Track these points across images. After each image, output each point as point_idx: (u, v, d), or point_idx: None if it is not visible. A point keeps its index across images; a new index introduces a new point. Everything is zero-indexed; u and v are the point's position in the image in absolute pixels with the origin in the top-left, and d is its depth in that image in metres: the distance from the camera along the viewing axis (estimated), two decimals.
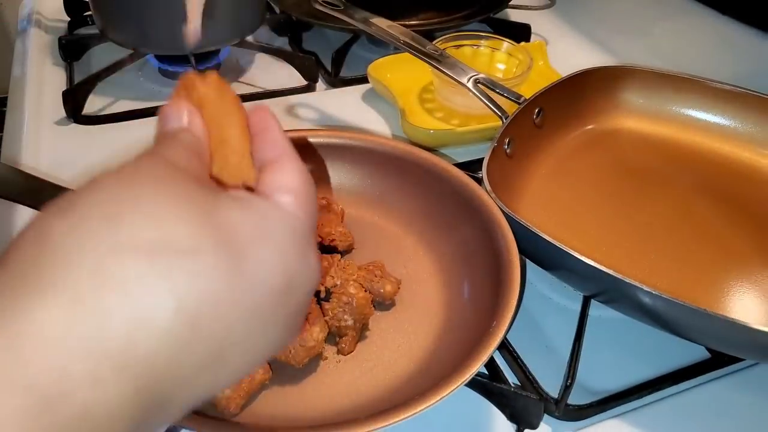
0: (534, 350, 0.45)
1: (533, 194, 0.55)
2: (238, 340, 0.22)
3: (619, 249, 0.50)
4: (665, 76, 0.63)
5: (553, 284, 0.50)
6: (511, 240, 0.43)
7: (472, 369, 0.35)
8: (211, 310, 0.20)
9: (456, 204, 0.48)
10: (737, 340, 0.39)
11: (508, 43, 0.69)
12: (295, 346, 0.39)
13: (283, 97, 0.71)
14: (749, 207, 0.55)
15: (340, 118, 0.68)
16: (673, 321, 0.39)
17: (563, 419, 0.41)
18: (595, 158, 0.60)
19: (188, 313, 0.20)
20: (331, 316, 0.41)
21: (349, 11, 0.61)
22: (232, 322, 0.21)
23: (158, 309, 0.19)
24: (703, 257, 0.49)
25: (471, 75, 0.56)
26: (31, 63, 0.76)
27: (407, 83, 0.70)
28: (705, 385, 0.44)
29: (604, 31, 0.87)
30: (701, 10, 0.87)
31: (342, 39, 0.76)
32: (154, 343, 0.19)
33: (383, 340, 0.42)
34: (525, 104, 0.55)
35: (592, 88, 0.62)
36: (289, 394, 0.39)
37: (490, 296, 0.41)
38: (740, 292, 0.47)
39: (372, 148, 0.52)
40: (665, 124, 0.63)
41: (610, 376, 0.44)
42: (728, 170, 0.59)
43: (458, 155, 0.61)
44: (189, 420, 0.33)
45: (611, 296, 0.42)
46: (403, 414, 0.33)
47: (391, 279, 0.44)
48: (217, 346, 0.21)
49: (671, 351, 0.45)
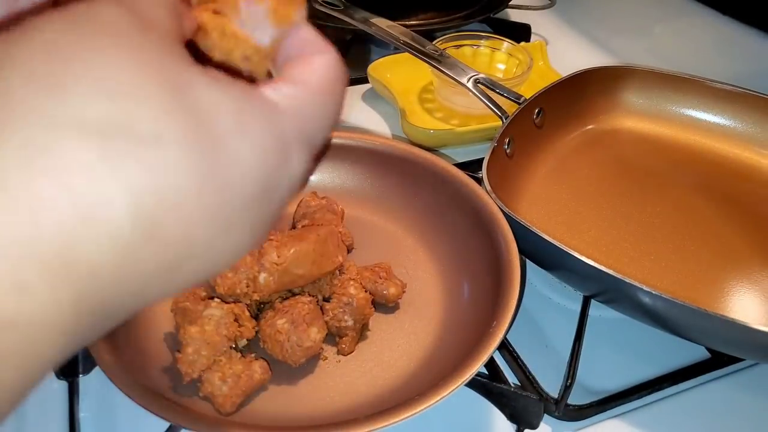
0: (534, 350, 0.45)
1: (533, 194, 0.55)
2: (198, 252, 0.18)
3: (619, 249, 0.50)
4: (665, 76, 0.63)
5: (553, 284, 0.50)
6: (511, 240, 0.43)
7: (472, 369, 0.35)
8: (171, 214, 0.17)
9: (456, 204, 0.48)
10: (737, 340, 0.39)
11: (508, 43, 0.69)
12: (292, 345, 0.39)
13: None
14: (749, 207, 0.55)
15: (340, 118, 0.68)
16: (673, 321, 0.39)
17: (563, 419, 0.41)
18: (595, 158, 0.60)
19: (143, 216, 0.16)
20: (332, 316, 0.41)
21: (349, 11, 0.61)
22: (195, 229, 0.18)
23: (105, 207, 0.16)
24: (703, 257, 0.49)
25: (471, 75, 0.56)
26: None
27: (407, 83, 0.70)
28: (705, 385, 0.44)
29: (604, 31, 0.87)
30: (701, 10, 0.87)
31: (342, 39, 0.76)
32: (97, 249, 0.16)
33: (383, 340, 0.42)
34: (525, 104, 0.55)
35: (592, 88, 0.62)
36: (289, 394, 0.39)
37: (490, 296, 0.41)
38: (740, 292, 0.47)
39: (372, 148, 0.52)
40: (665, 124, 0.63)
41: (610, 376, 0.44)
42: (728, 170, 0.59)
43: (458, 155, 0.61)
44: (189, 420, 0.33)
45: (611, 296, 0.42)
46: (403, 414, 0.33)
47: (396, 282, 0.44)
48: (173, 257, 0.18)
49: (671, 351, 0.45)
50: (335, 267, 0.43)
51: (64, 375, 0.41)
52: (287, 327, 0.39)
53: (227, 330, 0.38)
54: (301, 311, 0.39)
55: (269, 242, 0.40)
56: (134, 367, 0.35)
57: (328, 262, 0.42)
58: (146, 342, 0.40)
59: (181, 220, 0.17)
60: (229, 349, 0.38)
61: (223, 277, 0.39)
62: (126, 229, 0.16)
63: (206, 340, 0.37)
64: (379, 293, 0.44)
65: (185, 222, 0.17)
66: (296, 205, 0.49)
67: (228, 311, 0.38)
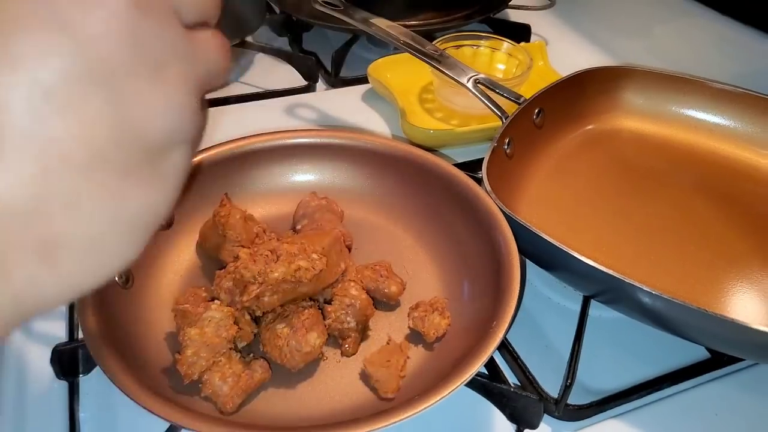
0: (534, 350, 0.45)
1: (533, 194, 0.55)
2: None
3: (619, 249, 0.50)
4: (665, 76, 0.63)
5: (553, 284, 0.50)
6: (511, 240, 0.43)
7: (472, 369, 0.35)
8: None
9: (456, 204, 0.48)
10: (737, 340, 0.39)
11: (508, 44, 0.69)
12: (291, 350, 0.38)
13: (283, 97, 0.71)
14: (749, 207, 0.55)
15: (340, 118, 0.68)
16: (673, 321, 0.39)
17: (563, 419, 0.41)
18: (595, 158, 0.60)
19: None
20: (334, 318, 0.41)
21: (349, 11, 0.61)
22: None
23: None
24: (703, 257, 0.49)
25: (471, 75, 0.56)
26: None
27: (407, 83, 0.70)
28: (705, 385, 0.44)
29: (604, 31, 0.87)
30: (701, 10, 0.87)
31: (342, 39, 0.76)
32: None
33: (383, 340, 0.42)
34: (525, 104, 0.55)
35: (592, 88, 0.62)
36: (290, 394, 0.39)
37: (490, 296, 0.41)
38: (740, 292, 0.47)
39: (372, 148, 0.52)
40: (665, 124, 0.63)
41: (610, 376, 0.44)
42: (728, 170, 0.59)
43: (458, 155, 0.61)
44: (189, 420, 0.33)
45: (611, 296, 0.42)
46: (403, 414, 0.33)
47: (397, 280, 0.44)
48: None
49: (671, 351, 0.45)
50: (338, 276, 0.43)
51: (64, 375, 0.41)
52: (286, 332, 0.39)
53: (227, 332, 0.38)
54: (301, 316, 0.39)
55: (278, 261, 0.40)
56: (134, 367, 0.35)
57: (331, 273, 0.42)
58: (146, 342, 0.40)
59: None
60: (228, 350, 0.38)
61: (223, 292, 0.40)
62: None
63: (206, 342, 0.37)
64: (380, 292, 0.44)
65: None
66: (296, 205, 0.49)
67: (228, 314, 0.38)
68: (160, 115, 0.19)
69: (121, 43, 0.18)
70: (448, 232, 0.48)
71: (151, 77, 0.19)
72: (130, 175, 0.19)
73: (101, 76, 0.18)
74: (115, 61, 0.18)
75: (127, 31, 0.18)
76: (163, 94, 0.19)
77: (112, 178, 0.18)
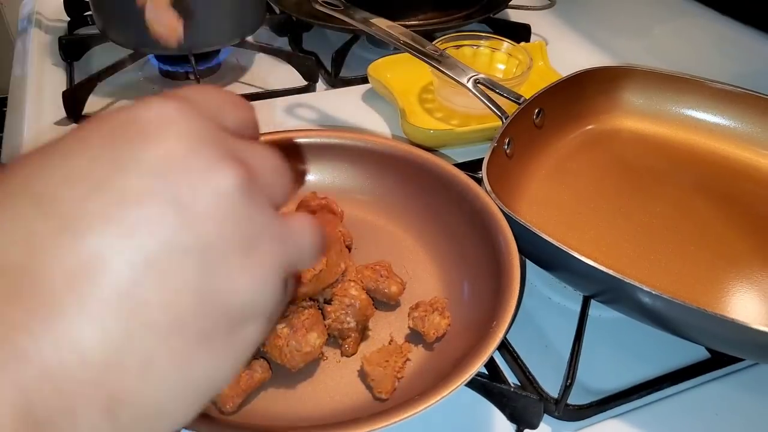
0: (534, 350, 0.45)
1: (533, 194, 0.55)
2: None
3: (619, 249, 0.50)
4: (665, 76, 0.63)
5: (553, 284, 0.50)
6: (511, 240, 0.43)
7: (472, 369, 0.35)
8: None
9: (456, 204, 0.48)
10: (737, 340, 0.39)
11: (508, 44, 0.69)
12: (291, 350, 0.38)
13: (283, 97, 0.71)
14: (749, 207, 0.55)
15: (340, 118, 0.68)
16: (673, 321, 0.39)
17: (563, 419, 0.41)
18: (595, 158, 0.60)
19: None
20: (334, 318, 0.41)
21: (349, 11, 0.61)
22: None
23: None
24: (703, 257, 0.49)
25: (471, 75, 0.56)
26: (31, 63, 0.76)
27: (407, 83, 0.70)
28: (705, 385, 0.44)
29: (604, 31, 0.87)
30: (701, 10, 0.87)
31: (342, 39, 0.76)
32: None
33: (383, 340, 0.42)
34: (525, 104, 0.55)
35: (592, 88, 0.62)
36: (289, 394, 0.39)
37: (490, 296, 0.41)
38: (740, 292, 0.47)
39: (372, 148, 0.52)
40: (665, 124, 0.63)
41: (610, 376, 0.44)
42: (728, 170, 0.59)
43: (458, 155, 0.61)
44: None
45: (611, 296, 0.42)
46: (403, 414, 0.33)
47: (397, 280, 0.44)
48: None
49: (671, 351, 0.45)
50: (338, 276, 0.43)
51: None
52: (286, 332, 0.39)
53: None
54: (301, 316, 0.39)
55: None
56: None
57: (331, 273, 0.42)
58: None
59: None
60: None
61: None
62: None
63: None
64: (380, 291, 0.44)
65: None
66: (296, 204, 0.49)
67: None
68: (243, 290, 0.20)
69: (222, 221, 0.19)
70: (448, 232, 0.48)
71: (243, 254, 0.20)
72: (204, 343, 0.20)
73: (199, 250, 0.19)
74: (214, 238, 0.19)
75: (229, 212, 0.20)
76: (250, 271, 0.20)
77: (187, 344, 0.19)
